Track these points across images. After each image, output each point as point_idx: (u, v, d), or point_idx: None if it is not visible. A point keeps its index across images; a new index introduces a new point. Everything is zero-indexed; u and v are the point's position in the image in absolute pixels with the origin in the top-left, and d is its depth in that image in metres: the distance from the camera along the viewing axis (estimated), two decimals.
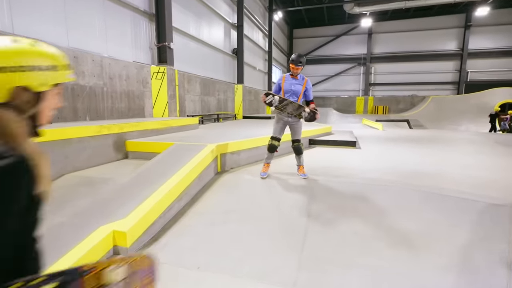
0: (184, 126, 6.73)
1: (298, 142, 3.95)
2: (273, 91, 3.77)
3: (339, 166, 4.83)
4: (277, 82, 3.79)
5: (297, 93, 3.78)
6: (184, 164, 3.57)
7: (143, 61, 7.28)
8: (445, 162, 5.04)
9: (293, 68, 3.66)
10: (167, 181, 3.15)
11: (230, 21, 12.60)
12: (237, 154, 4.70)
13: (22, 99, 0.72)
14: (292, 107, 3.71)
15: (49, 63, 0.75)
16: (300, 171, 4.05)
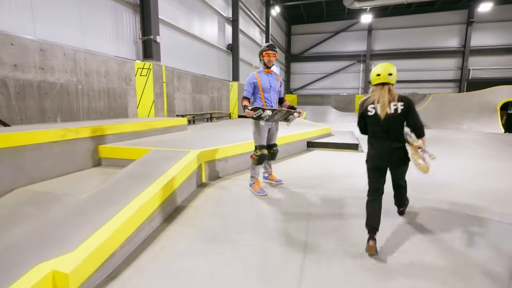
0: (171, 127, 6.14)
1: (276, 146, 3.54)
2: (246, 94, 3.22)
3: (341, 173, 4.27)
4: (248, 81, 3.21)
5: (276, 89, 3.32)
6: (159, 176, 2.99)
7: (126, 55, 6.66)
8: (456, 168, 4.48)
9: (269, 55, 3.17)
10: (134, 198, 2.57)
11: (224, 15, 11.96)
12: (225, 161, 4.13)
13: None
14: (281, 114, 3.23)
15: None
16: (273, 177, 3.74)
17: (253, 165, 3.35)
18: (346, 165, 4.87)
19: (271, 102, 3.26)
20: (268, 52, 3.16)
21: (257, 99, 3.24)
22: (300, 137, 6.13)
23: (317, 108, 20.69)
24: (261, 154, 3.23)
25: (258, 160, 3.24)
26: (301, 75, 24.08)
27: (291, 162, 5.14)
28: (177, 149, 3.92)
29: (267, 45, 3.20)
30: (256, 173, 3.39)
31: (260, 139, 3.26)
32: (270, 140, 3.44)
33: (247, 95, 3.20)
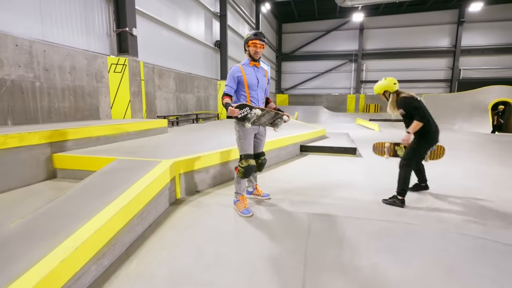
0: (148, 130, 5.45)
1: (264, 155, 2.93)
2: (227, 90, 2.57)
3: (339, 183, 3.70)
4: (232, 75, 2.59)
5: (263, 87, 2.75)
6: (119, 195, 2.34)
7: (98, 49, 5.92)
8: (468, 174, 3.97)
9: (256, 45, 2.56)
10: (81, 227, 1.92)
11: (212, 10, 11.30)
12: (205, 171, 3.49)
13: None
14: (269, 116, 2.64)
15: None
16: (259, 192, 3.15)
17: (238, 178, 2.72)
18: (344, 173, 4.31)
19: (258, 101, 2.66)
20: (254, 41, 2.54)
21: (241, 98, 2.62)
22: (292, 141, 5.55)
23: (309, 108, 20.23)
24: (248, 165, 2.60)
25: (244, 172, 2.61)
26: (292, 75, 23.61)
27: (282, 170, 4.55)
28: (146, 158, 3.26)
29: (253, 33, 2.56)
30: (242, 188, 2.77)
31: (247, 147, 2.63)
32: (257, 148, 2.83)
33: (228, 91, 2.56)
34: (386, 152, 3.62)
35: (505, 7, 18.68)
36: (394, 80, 2.99)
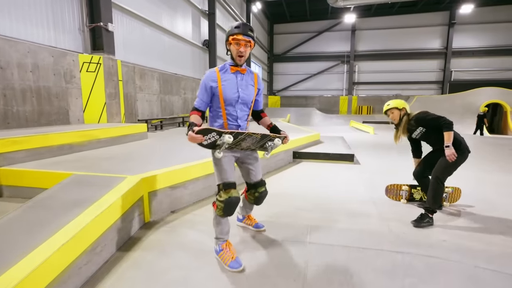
0: (124, 136, 4.87)
1: (264, 185, 2.16)
2: (197, 104, 1.91)
3: (338, 198, 3.21)
4: (203, 84, 1.90)
5: (248, 101, 1.98)
6: (64, 225, 1.79)
7: (67, 46, 5.31)
8: (476, 183, 3.54)
9: (239, 42, 1.84)
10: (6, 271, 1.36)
11: (200, 8, 10.76)
12: (183, 187, 2.96)
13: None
14: (252, 141, 1.91)
15: None
16: (252, 220, 2.49)
17: (217, 218, 1.95)
18: (342, 184, 3.84)
19: (238, 119, 1.95)
20: (237, 37, 1.82)
21: (216, 115, 1.96)
22: (285, 147, 5.06)
23: (301, 110, 19.87)
24: (229, 198, 1.85)
25: (224, 209, 1.85)
26: (284, 76, 23.22)
27: (274, 181, 4.05)
28: (109, 174, 2.70)
29: (235, 25, 1.85)
30: (224, 231, 1.99)
31: (225, 173, 1.91)
32: (252, 176, 2.09)
33: (199, 105, 1.89)
34: (403, 196, 3.14)
35: (495, 9, 18.76)
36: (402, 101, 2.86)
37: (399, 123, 2.78)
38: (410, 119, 2.72)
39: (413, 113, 2.73)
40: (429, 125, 2.63)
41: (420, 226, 2.45)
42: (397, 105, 2.76)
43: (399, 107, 2.75)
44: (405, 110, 2.76)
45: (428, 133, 2.67)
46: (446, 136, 2.49)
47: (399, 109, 2.76)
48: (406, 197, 3.13)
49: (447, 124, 2.49)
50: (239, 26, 1.85)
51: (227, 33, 1.88)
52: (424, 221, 2.46)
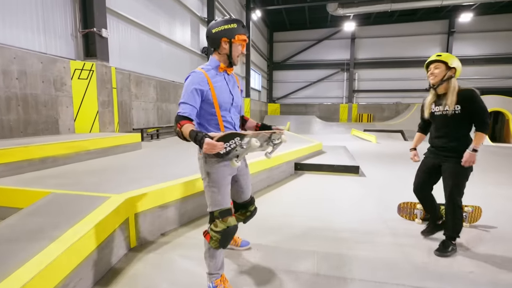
0: (116, 147, 4.60)
1: (254, 202, 2.01)
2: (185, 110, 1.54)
3: (346, 218, 2.86)
4: (192, 86, 1.57)
5: (239, 104, 1.81)
6: (34, 255, 1.50)
7: (60, 52, 5.09)
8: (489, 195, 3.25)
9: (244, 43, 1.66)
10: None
11: (198, 15, 10.64)
12: (174, 206, 2.67)
13: None
14: (263, 140, 1.68)
15: None
16: (236, 240, 2.27)
17: (211, 251, 1.65)
18: (349, 199, 3.56)
19: (234, 126, 1.73)
20: (243, 36, 1.63)
21: (208, 124, 1.67)
22: (286, 158, 4.79)
23: (301, 118, 19.66)
24: (226, 228, 1.59)
25: (220, 240, 1.59)
26: (284, 84, 23.11)
27: (274, 196, 3.76)
28: (92, 192, 2.42)
29: (232, 20, 1.62)
30: (218, 265, 1.68)
31: (222, 198, 1.62)
32: (242, 193, 1.89)
33: (190, 113, 1.53)
34: (418, 215, 2.83)
35: (494, 18, 18.79)
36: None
37: (440, 83, 2.09)
38: (460, 89, 2.07)
39: (460, 86, 2.12)
40: (471, 110, 2.02)
41: (445, 256, 2.15)
42: (448, 60, 2.04)
43: (449, 63, 2.04)
44: (454, 71, 2.06)
45: (457, 118, 2.06)
46: (479, 137, 2.02)
47: (448, 66, 2.05)
48: (421, 216, 2.84)
49: (487, 124, 2.01)
50: (243, 25, 1.65)
51: (231, 30, 1.59)
52: (449, 250, 2.16)
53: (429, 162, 2.33)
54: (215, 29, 1.61)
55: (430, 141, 2.34)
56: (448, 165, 2.17)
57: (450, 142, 2.13)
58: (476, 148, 2.02)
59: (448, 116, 2.09)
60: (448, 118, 2.10)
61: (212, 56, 1.69)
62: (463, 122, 2.08)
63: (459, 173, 2.12)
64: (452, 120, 2.10)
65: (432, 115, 2.23)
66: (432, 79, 2.12)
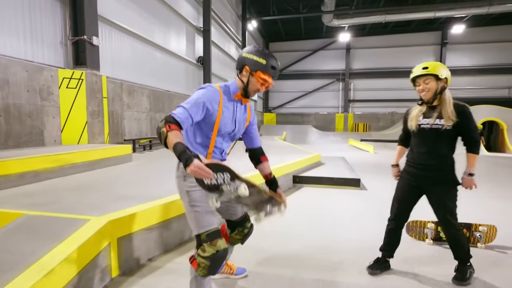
0: (103, 160, 4.34)
1: (249, 218, 1.80)
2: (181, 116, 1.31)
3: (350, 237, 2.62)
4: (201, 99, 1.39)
5: (238, 135, 1.64)
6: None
7: (47, 60, 4.87)
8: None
9: (265, 83, 1.47)
10: None
11: (194, 24, 10.57)
12: (163, 227, 2.42)
13: None
14: (257, 199, 1.43)
15: None
16: (231, 267, 2.01)
17: (197, 279, 1.45)
18: (352, 217, 3.34)
19: (222, 154, 1.60)
20: (268, 78, 1.45)
21: (196, 141, 1.51)
22: (284, 171, 4.58)
23: (297, 128, 19.57)
24: (216, 253, 1.39)
25: (209, 267, 1.39)
26: (280, 93, 23.11)
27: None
28: (69, 214, 2.16)
29: (272, 64, 1.44)
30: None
31: (207, 218, 1.43)
32: (236, 210, 1.71)
33: (183, 120, 1.30)
34: (429, 235, 2.62)
35: (486, 29, 19.17)
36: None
37: (434, 98, 1.83)
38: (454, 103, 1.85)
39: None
40: (464, 127, 1.82)
41: (466, 283, 1.92)
42: (437, 71, 1.77)
43: (440, 74, 1.77)
44: (446, 81, 1.82)
45: (447, 134, 1.84)
46: (472, 159, 1.84)
47: (438, 77, 1.78)
48: (432, 236, 2.63)
49: (479, 144, 1.84)
50: (276, 68, 1.47)
51: (256, 63, 1.42)
52: (467, 277, 1.94)
53: (407, 187, 2.04)
54: (245, 54, 1.48)
55: (410, 158, 2.04)
56: (434, 191, 1.94)
57: (433, 159, 1.89)
58: (472, 172, 1.87)
59: (439, 131, 1.84)
60: (437, 133, 1.85)
61: (236, 79, 1.56)
62: (452, 139, 1.89)
63: (449, 197, 1.93)
64: (441, 136, 1.86)
65: (418, 128, 1.94)
66: (424, 96, 1.86)
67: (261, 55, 1.44)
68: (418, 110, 1.97)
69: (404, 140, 2.18)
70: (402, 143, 2.21)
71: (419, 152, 1.96)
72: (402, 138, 2.19)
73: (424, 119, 1.91)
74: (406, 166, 2.08)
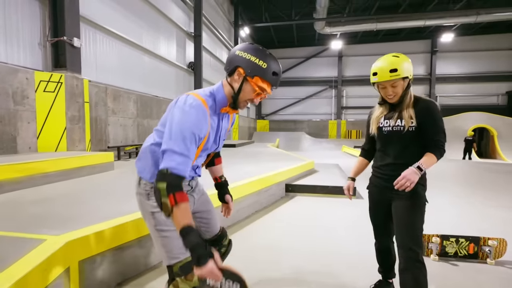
0: (82, 168, 4.01)
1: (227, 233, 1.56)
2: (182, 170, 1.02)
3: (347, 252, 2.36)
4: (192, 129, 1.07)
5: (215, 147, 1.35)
6: None
7: (23, 62, 4.57)
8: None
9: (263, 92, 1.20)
10: None
11: (185, 29, 10.38)
12: (136, 246, 2.12)
13: None
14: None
15: None
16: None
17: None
18: (349, 228, 3.09)
19: (197, 169, 1.34)
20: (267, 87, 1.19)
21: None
22: (276, 179, 4.32)
23: (290, 134, 19.44)
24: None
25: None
26: (273, 100, 23.03)
27: (262, 224, 3.25)
28: (20, 233, 1.85)
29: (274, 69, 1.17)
30: None
31: (178, 244, 1.14)
32: (209, 227, 1.45)
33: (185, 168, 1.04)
34: (434, 250, 2.38)
35: (474, 38, 19.58)
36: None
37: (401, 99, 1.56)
38: (415, 99, 1.58)
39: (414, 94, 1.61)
40: (424, 127, 1.51)
41: None
42: (408, 73, 1.50)
43: (410, 75, 1.52)
44: (409, 80, 1.56)
45: (412, 137, 1.53)
46: (429, 158, 1.44)
47: (404, 79, 1.51)
48: (437, 251, 2.39)
49: (442, 146, 1.47)
50: (278, 74, 1.19)
51: (255, 66, 1.13)
52: None
53: (376, 199, 1.73)
54: (240, 52, 1.15)
55: (374, 166, 1.73)
56: (395, 207, 1.57)
57: (399, 169, 1.47)
58: (422, 167, 1.41)
59: (402, 133, 1.54)
60: (400, 136, 1.55)
61: (222, 84, 1.22)
62: (418, 143, 1.54)
63: (413, 217, 1.51)
64: (404, 139, 1.55)
65: (379, 131, 1.64)
66: (391, 100, 1.57)
67: (261, 56, 1.13)
68: (380, 111, 1.67)
69: (367, 150, 1.82)
70: (365, 153, 1.84)
71: (383, 159, 1.65)
72: (366, 147, 1.83)
73: (386, 120, 1.62)
74: (371, 176, 1.75)
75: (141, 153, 1.27)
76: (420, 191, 1.54)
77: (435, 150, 1.47)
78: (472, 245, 2.37)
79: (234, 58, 1.15)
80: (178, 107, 1.10)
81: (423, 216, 1.55)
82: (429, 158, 1.45)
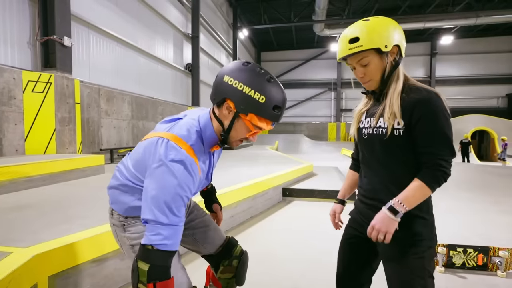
0: (70, 172, 3.84)
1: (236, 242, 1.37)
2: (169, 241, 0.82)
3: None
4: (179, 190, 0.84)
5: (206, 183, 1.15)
6: None
7: (10, 61, 4.41)
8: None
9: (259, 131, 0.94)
10: None
11: (182, 30, 10.25)
12: (117, 257, 1.94)
13: None
14: None
15: None
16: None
17: None
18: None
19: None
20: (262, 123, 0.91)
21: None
22: (273, 183, 4.15)
23: (289, 137, 19.27)
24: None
25: None
26: None
27: (257, 230, 3.07)
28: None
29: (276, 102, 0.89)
30: None
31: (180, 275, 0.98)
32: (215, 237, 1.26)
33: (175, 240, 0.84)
34: (440, 260, 2.20)
35: (473, 41, 19.54)
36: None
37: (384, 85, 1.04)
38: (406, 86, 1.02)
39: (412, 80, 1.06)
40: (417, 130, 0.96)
41: None
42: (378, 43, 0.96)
43: (374, 45, 0.96)
44: (395, 55, 1.02)
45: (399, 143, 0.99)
46: (414, 192, 0.93)
47: (381, 52, 0.98)
48: (444, 262, 2.22)
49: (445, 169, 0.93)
50: (281, 107, 0.91)
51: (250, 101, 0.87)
52: None
53: (352, 234, 1.19)
54: (229, 79, 0.88)
55: (358, 186, 1.20)
56: (384, 253, 1.06)
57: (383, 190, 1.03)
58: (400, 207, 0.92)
59: (384, 139, 1.00)
60: (382, 142, 1.01)
61: (209, 118, 0.98)
62: (410, 149, 0.99)
63: (411, 269, 0.98)
64: (390, 148, 1.01)
65: (359, 134, 1.13)
66: (368, 85, 1.06)
67: (258, 85, 0.86)
68: (363, 103, 1.17)
69: (358, 160, 1.22)
70: (355, 164, 1.28)
71: (365, 176, 1.13)
72: (356, 155, 1.27)
73: (367, 118, 1.10)
74: (356, 200, 1.22)
75: (111, 185, 1.09)
76: (420, 229, 0.98)
77: (428, 174, 0.92)
78: (481, 256, 2.20)
79: (222, 86, 0.89)
80: (158, 164, 0.84)
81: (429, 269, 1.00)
82: (414, 190, 0.92)
